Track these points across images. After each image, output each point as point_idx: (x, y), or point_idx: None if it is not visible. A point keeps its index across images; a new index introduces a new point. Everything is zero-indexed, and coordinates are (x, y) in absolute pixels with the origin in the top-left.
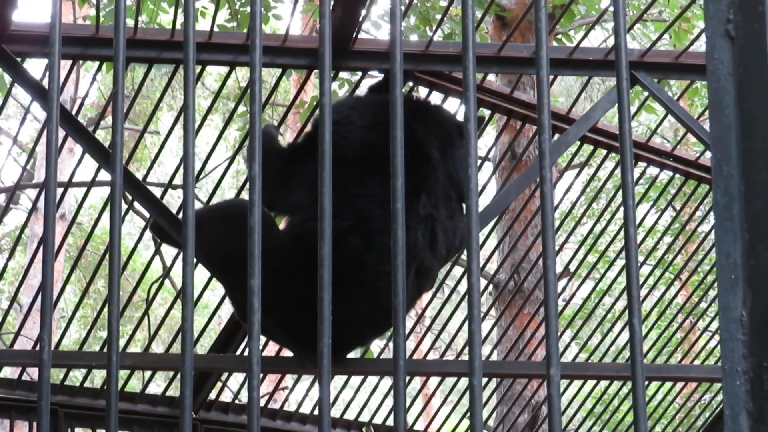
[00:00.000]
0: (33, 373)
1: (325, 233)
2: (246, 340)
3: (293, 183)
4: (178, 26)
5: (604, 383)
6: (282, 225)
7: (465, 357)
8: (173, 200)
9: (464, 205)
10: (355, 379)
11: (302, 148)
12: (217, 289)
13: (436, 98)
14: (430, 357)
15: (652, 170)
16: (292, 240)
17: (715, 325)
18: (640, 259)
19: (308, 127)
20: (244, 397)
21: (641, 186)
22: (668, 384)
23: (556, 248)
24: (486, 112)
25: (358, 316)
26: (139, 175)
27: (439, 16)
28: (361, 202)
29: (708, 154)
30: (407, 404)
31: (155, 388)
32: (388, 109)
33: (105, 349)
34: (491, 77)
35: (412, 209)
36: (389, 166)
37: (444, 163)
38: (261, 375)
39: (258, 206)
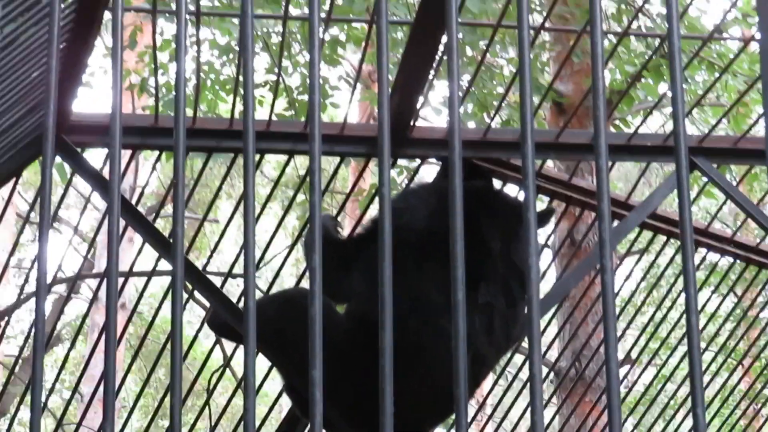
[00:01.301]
0: None
1: (386, 323)
2: (307, 430)
3: (353, 270)
4: (236, 115)
5: None
6: (342, 311)
7: None
8: (233, 289)
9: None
10: None
11: (363, 235)
12: (278, 378)
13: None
14: None
15: (713, 256)
16: (351, 326)
17: None
18: (702, 345)
19: (368, 218)
20: None
21: (702, 272)
22: None
23: (618, 335)
24: (545, 199)
25: (416, 399)
26: (199, 264)
27: (496, 103)
28: (419, 286)
29: None
30: None
31: None
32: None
33: None
34: (549, 164)
35: (470, 297)
36: (448, 253)
37: (506, 252)
38: None
39: (319, 297)
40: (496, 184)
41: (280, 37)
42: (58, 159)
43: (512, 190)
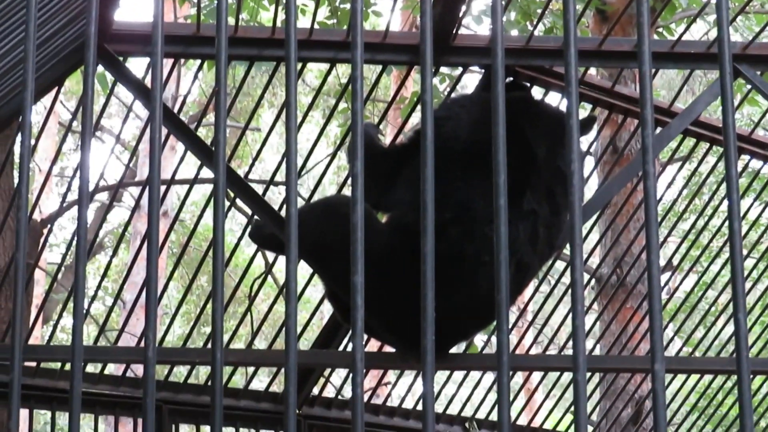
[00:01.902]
0: (137, 369)
1: (427, 230)
2: (349, 335)
3: (396, 180)
4: (278, 24)
5: (707, 378)
6: (383, 220)
7: (568, 351)
8: (275, 197)
9: None
10: (458, 374)
11: (406, 144)
12: (320, 284)
13: (536, 93)
14: (533, 351)
15: (755, 163)
16: (392, 234)
17: None
18: (744, 252)
19: (415, 124)
20: (347, 392)
21: (744, 179)
22: None
23: (659, 242)
24: (587, 107)
25: (458, 307)
26: (241, 172)
27: (539, 11)
28: (462, 194)
29: None
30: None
31: (258, 384)
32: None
33: (209, 346)
34: (592, 71)
35: (514, 205)
36: (491, 161)
37: (551, 160)
38: (364, 371)
39: (361, 204)
40: (536, 94)
41: None
42: (99, 68)
43: (555, 97)
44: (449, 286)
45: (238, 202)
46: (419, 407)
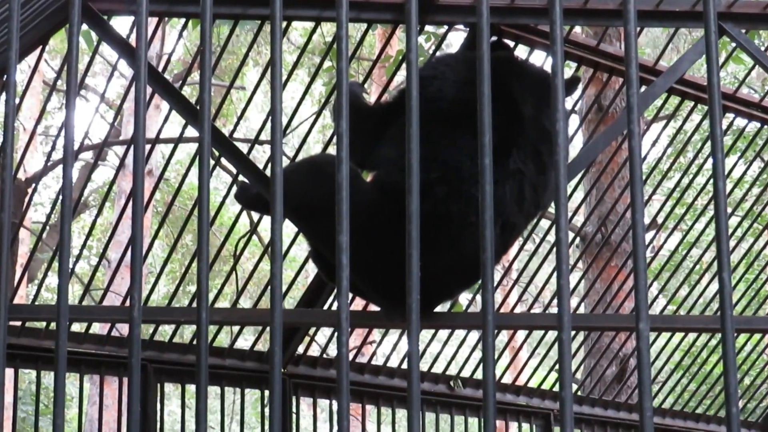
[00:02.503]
0: (122, 328)
1: (413, 189)
2: (334, 294)
3: (381, 139)
4: None
5: (691, 335)
6: (368, 179)
7: (553, 309)
8: (259, 155)
9: None
10: (443, 333)
11: (391, 103)
12: (305, 243)
13: (521, 51)
14: (518, 310)
15: (740, 121)
16: (377, 193)
17: None
18: (728, 210)
19: (400, 83)
20: (331, 351)
21: (728, 137)
22: (756, 336)
23: (644, 201)
24: (573, 65)
25: (443, 266)
26: (226, 131)
27: None
28: (448, 154)
29: None
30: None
31: (243, 343)
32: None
33: (194, 305)
34: (577, 30)
35: (500, 164)
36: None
37: (537, 119)
38: (349, 330)
39: (346, 163)
40: (521, 52)
41: None
42: (84, 26)
43: (540, 56)
44: (435, 245)
45: (223, 160)
46: (404, 366)
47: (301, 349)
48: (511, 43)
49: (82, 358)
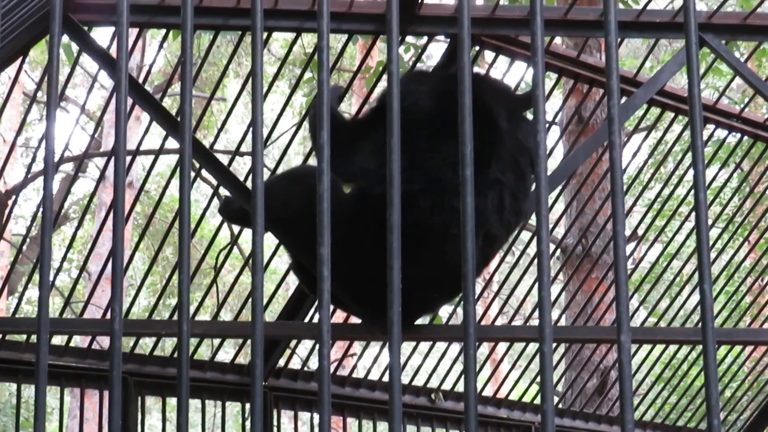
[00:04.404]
0: (102, 341)
1: (393, 200)
2: (315, 306)
3: (359, 150)
4: None
5: (672, 347)
6: (347, 191)
7: (534, 322)
8: (240, 167)
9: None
10: (424, 345)
11: (369, 115)
12: (286, 255)
13: (502, 62)
14: (499, 322)
15: (720, 132)
16: (358, 205)
17: None
18: (709, 222)
19: (375, 98)
20: (312, 364)
21: (709, 148)
22: (737, 348)
23: (625, 212)
24: (553, 76)
25: (424, 279)
26: (206, 143)
27: None
28: (430, 165)
29: None
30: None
31: (224, 355)
32: (454, 80)
33: (175, 317)
34: (557, 41)
35: (481, 175)
36: (458, 132)
37: (513, 130)
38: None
39: (327, 174)
40: (502, 63)
41: None
42: (65, 38)
43: (521, 67)
44: (417, 257)
45: (204, 172)
46: (385, 378)
47: (282, 362)
48: (491, 55)
49: (63, 371)
